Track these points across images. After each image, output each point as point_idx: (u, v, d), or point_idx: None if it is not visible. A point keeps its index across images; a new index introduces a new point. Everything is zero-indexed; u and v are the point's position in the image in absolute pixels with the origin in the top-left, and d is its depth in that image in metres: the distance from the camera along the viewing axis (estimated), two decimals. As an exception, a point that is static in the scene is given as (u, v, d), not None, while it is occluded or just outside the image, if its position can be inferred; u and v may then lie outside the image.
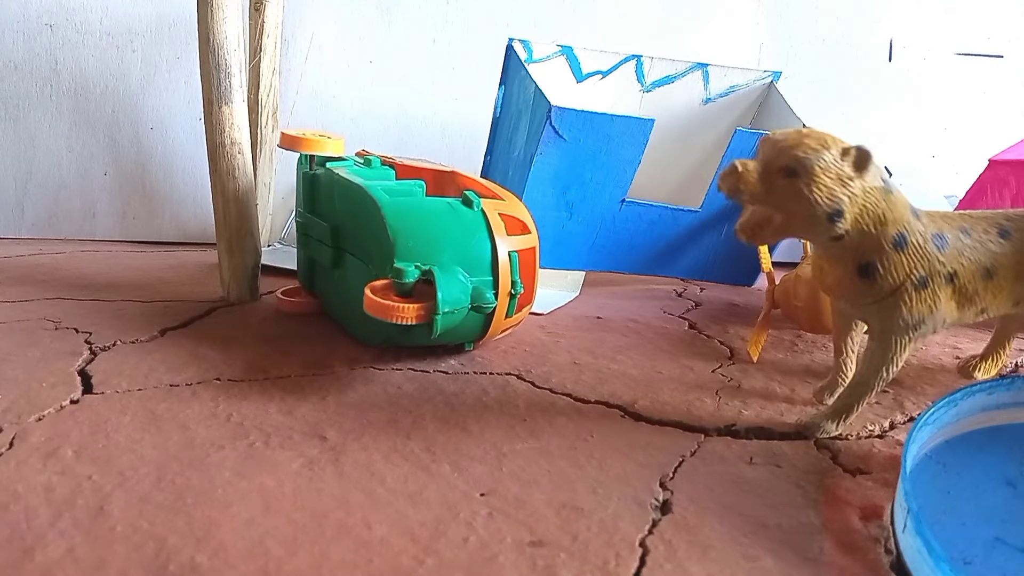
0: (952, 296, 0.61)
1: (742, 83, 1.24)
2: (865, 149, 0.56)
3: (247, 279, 0.98)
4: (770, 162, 0.57)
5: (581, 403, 0.70)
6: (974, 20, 1.48)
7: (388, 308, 0.69)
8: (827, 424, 0.65)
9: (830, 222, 0.56)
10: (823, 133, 0.57)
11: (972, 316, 0.64)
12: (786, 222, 0.58)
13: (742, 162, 0.57)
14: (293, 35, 1.38)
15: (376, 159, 0.92)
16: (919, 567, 0.44)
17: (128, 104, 1.38)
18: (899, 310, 0.60)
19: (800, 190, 0.55)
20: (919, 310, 0.60)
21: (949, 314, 0.62)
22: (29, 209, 1.38)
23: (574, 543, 0.48)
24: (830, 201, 0.56)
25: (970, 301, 0.62)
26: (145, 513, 0.48)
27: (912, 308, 0.60)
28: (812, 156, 0.55)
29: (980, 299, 0.62)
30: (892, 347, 0.62)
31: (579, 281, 1.17)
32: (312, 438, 0.60)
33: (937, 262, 0.60)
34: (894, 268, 0.59)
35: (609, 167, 1.02)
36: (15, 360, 0.73)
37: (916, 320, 0.60)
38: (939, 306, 0.61)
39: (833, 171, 0.55)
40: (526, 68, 1.08)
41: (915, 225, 0.59)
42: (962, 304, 0.62)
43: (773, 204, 0.57)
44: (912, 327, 0.61)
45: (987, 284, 0.62)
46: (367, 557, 0.45)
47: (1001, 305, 0.64)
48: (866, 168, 0.56)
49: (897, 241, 0.58)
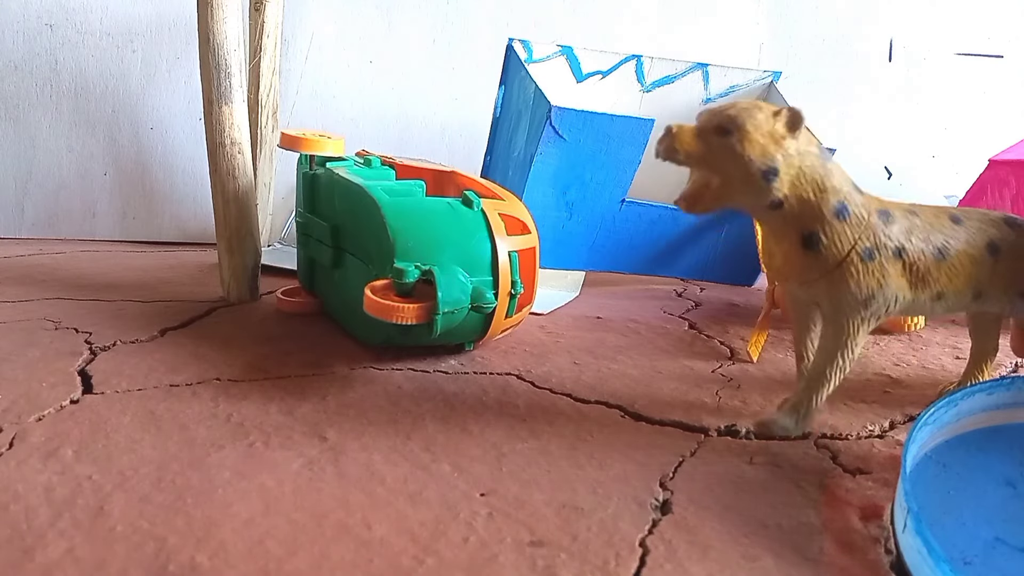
0: (902, 273, 0.61)
1: (742, 83, 1.24)
2: (797, 109, 0.56)
3: (247, 279, 0.98)
4: (705, 124, 0.58)
5: (581, 403, 0.70)
6: (974, 20, 1.48)
7: (388, 308, 0.69)
8: (785, 420, 0.63)
9: (765, 180, 0.57)
10: (757, 100, 0.58)
11: (928, 301, 0.63)
12: (724, 184, 0.58)
13: (677, 124, 0.58)
14: (293, 35, 1.38)
15: (376, 159, 0.92)
16: (919, 567, 0.44)
17: (128, 104, 1.38)
18: (847, 283, 0.59)
19: (733, 147, 0.56)
20: (867, 283, 0.60)
21: (901, 292, 0.61)
22: (29, 209, 1.38)
23: (574, 543, 0.48)
24: (763, 158, 0.56)
25: (923, 281, 0.62)
26: (145, 513, 0.48)
27: (860, 282, 0.59)
28: (743, 115, 0.56)
29: (934, 280, 0.62)
30: (845, 328, 0.61)
31: (579, 281, 1.17)
32: (312, 438, 0.60)
33: (883, 234, 0.60)
34: (838, 238, 0.59)
35: (609, 167, 1.02)
36: (15, 360, 0.73)
37: (866, 294, 0.60)
38: (888, 280, 0.60)
39: (765, 129, 0.56)
40: (526, 68, 1.08)
41: (856, 197, 0.60)
42: (915, 284, 0.61)
43: (708, 165, 0.58)
44: (862, 303, 0.60)
45: (940, 264, 0.62)
46: (367, 557, 0.45)
47: (960, 292, 0.63)
48: (798, 128, 0.57)
49: (839, 210, 0.58)
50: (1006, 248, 0.64)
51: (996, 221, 0.65)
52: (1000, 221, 0.65)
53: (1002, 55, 1.49)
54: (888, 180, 1.48)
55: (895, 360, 0.87)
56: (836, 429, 0.67)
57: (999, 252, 0.64)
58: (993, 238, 0.64)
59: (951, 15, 1.48)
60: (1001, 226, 0.65)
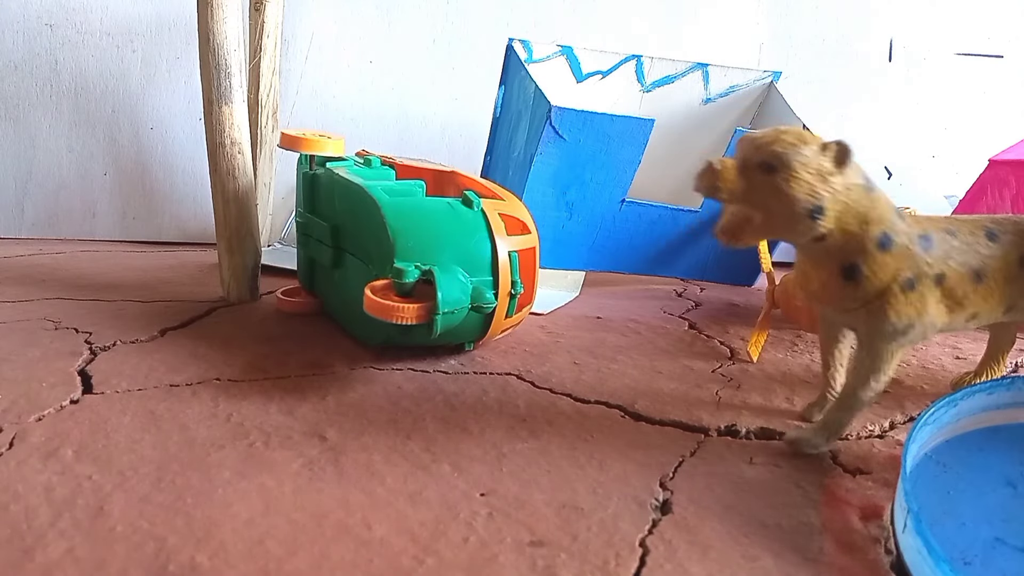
0: (941, 299, 0.59)
1: (742, 83, 1.24)
2: (845, 144, 0.55)
3: (247, 279, 0.98)
4: (748, 159, 0.56)
5: (581, 403, 0.70)
6: (974, 20, 1.48)
7: (388, 308, 0.69)
8: (816, 439, 0.62)
9: (811, 219, 0.55)
10: (802, 130, 0.56)
11: (963, 321, 0.62)
12: (766, 220, 0.56)
13: (719, 159, 0.56)
14: (293, 35, 1.38)
15: (376, 159, 0.92)
16: (919, 567, 0.44)
17: (128, 104, 1.38)
18: (886, 314, 0.58)
19: (779, 186, 0.54)
20: (907, 314, 0.58)
21: (939, 318, 0.60)
22: (29, 209, 1.38)
23: (574, 543, 0.48)
24: (810, 196, 0.54)
25: (960, 305, 0.60)
26: (145, 513, 0.48)
27: (900, 312, 0.58)
28: (790, 151, 0.54)
29: (970, 303, 0.61)
30: (880, 355, 0.60)
31: (579, 281, 1.17)
32: (312, 438, 0.60)
33: (924, 263, 0.58)
34: (880, 270, 0.57)
35: (609, 167, 1.02)
36: (15, 360, 0.73)
37: (905, 324, 0.58)
38: (927, 309, 0.59)
39: (812, 166, 0.54)
40: (526, 68, 1.08)
41: (899, 225, 0.58)
42: (952, 308, 0.60)
43: (752, 202, 0.56)
44: (900, 332, 0.59)
45: (977, 287, 0.60)
46: (367, 557, 0.45)
47: (993, 310, 0.62)
48: (846, 163, 0.55)
49: (882, 241, 0.57)
50: None
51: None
52: None
53: (1002, 55, 1.49)
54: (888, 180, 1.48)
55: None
56: (836, 429, 0.67)
57: None
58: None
59: (951, 15, 1.48)
60: None
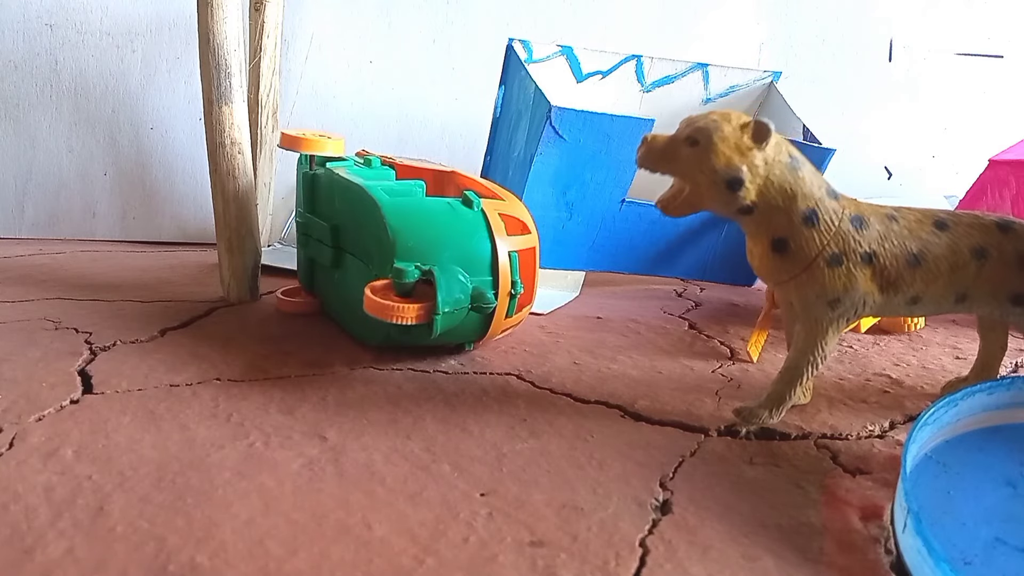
0: (872, 277, 0.63)
1: (742, 83, 1.24)
2: (764, 121, 0.59)
3: (247, 279, 0.98)
4: (679, 134, 0.62)
5: (581, 403, 0.70)
6: (974, 20, 1.48)
7: (388, 308, 0.69)
8: (761, 412, 0.66)
9: (730, 189, 0.60)
10: (731, 112, 0.61)
11: (903, 303, 0.65)
12: (693, 191, 0.62)
13: (652, 134, 0.63)
14: (293, 35, 1.38)
15: (376, 159, 0.92)
16: (919, 567, 0.44)
17: (128, 104, 1.38)
18: (813, 285, 0.62)
19: (700, 157, 0.60)
20: (833, 287, 0.62)
21: (870, 295, 0.63)
22: (29, 209, 1.38)
23: (574, 543, 0.48)
24: (727, 168, 0.59)
25: (894, 286, 0.63)
26: (145, 513, 0.48)
27: (826, 285, 0.62)
28: (712, 126, 0.60)
29: (907, 285, 0.63)
30: (814, 326, 0.64)
31: (579, 281, 1.17)
32: (312, 438, 0.60)
33: (852, 240, 0.62)
34: (805, 243, 0.61)
35: (609, 167, 1.02)
36: (15, 360, 0.73)
37: (832, 296, 0.62)
38: (856, 284, 0.62)
39: (731, 141, 0.59)
40: (526, 68, 1.08)
41: (828, 204, 0.62)
42: (886, 288, 0.63)
43: (679, 172, 0.62)
44: (829, 304, 0.63)
45: (914, 270, 0.63)
46: (367, 557, 0.45)
47: (940, 296, 0.65)
48: (764, 140, 0.59)
49: (808, 216, 0.61)
50: (994, 252, 0.64)
51: (987, 225, 0.65)
52: (992, 225, 0.65)
53: (1002, 55, 1.49)
54: (888, 180, 1.48)
55: (895, 360, 0.87)
56: (836, 429, 0.67)
57: (986, 256, 0.64)
58: (981, 243, 0.64)
59: (951, 15, 1.48)
60: (992, 231, 0.64)
